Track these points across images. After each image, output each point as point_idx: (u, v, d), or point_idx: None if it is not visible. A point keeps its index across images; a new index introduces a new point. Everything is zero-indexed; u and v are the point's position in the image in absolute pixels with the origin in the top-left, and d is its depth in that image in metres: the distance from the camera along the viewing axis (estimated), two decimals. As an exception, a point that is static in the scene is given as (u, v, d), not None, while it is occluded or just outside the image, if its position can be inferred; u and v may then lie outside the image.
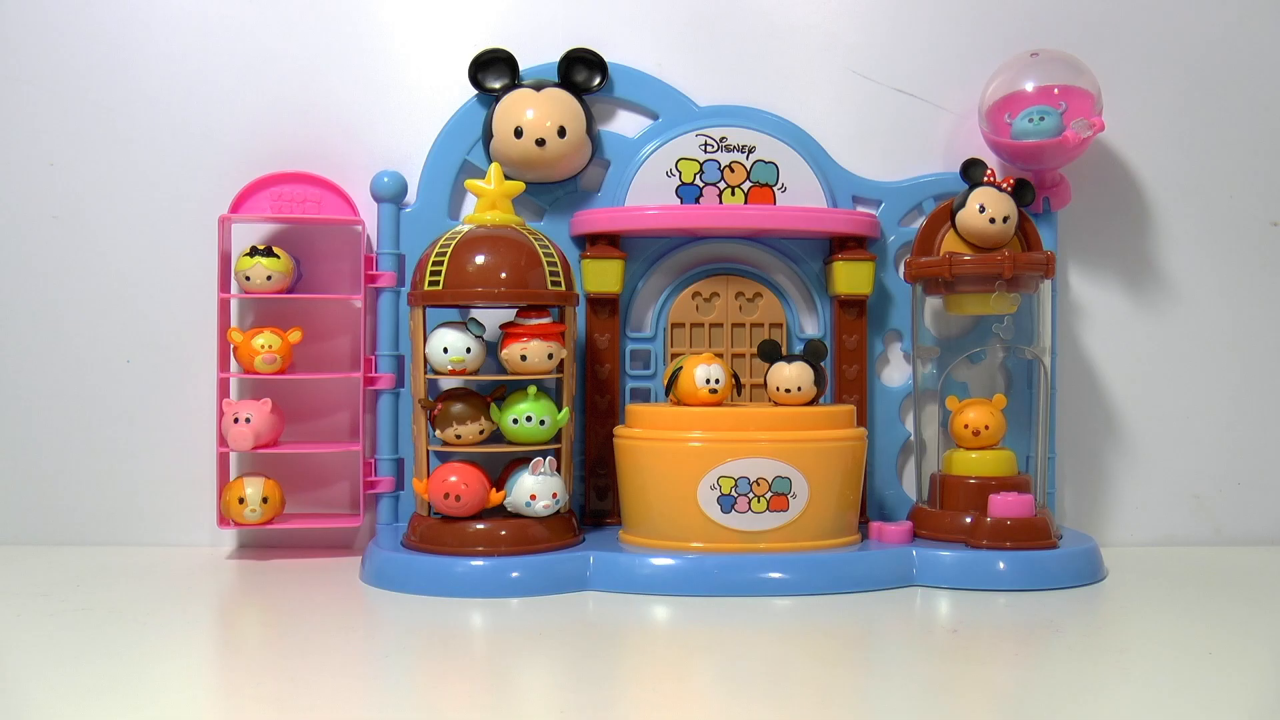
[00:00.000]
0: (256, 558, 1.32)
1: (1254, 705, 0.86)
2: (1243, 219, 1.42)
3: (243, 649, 1.03)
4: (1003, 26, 1.39)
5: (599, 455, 1.34)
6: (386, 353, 1.33)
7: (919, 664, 0.96)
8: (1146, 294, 1.42)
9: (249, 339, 1.29)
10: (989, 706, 0.86)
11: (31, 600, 1.12)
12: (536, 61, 1.35)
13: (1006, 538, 1.20)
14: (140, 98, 1.37)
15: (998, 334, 1.33)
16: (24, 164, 1.37)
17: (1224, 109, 1.41)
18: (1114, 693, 0.87)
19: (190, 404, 1.37)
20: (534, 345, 1.20)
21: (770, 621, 1.08)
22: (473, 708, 0.85)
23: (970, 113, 1.38)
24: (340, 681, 0.90)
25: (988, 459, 1.27)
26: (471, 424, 1.21)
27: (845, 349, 1.35)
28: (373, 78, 1.38)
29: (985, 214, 1.27)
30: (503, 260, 1.19)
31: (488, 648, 1.02)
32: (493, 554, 1.17)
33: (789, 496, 1.19)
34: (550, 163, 1.32)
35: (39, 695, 0.86)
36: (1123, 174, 1.41)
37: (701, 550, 1.19)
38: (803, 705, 0.85)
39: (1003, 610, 1.11)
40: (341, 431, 1.38)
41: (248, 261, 1.30)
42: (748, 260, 1.37)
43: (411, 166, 1.36)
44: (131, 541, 1.37)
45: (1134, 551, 1.36)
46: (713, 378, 1.22)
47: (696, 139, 1.34)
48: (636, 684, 0.92)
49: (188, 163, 1.37)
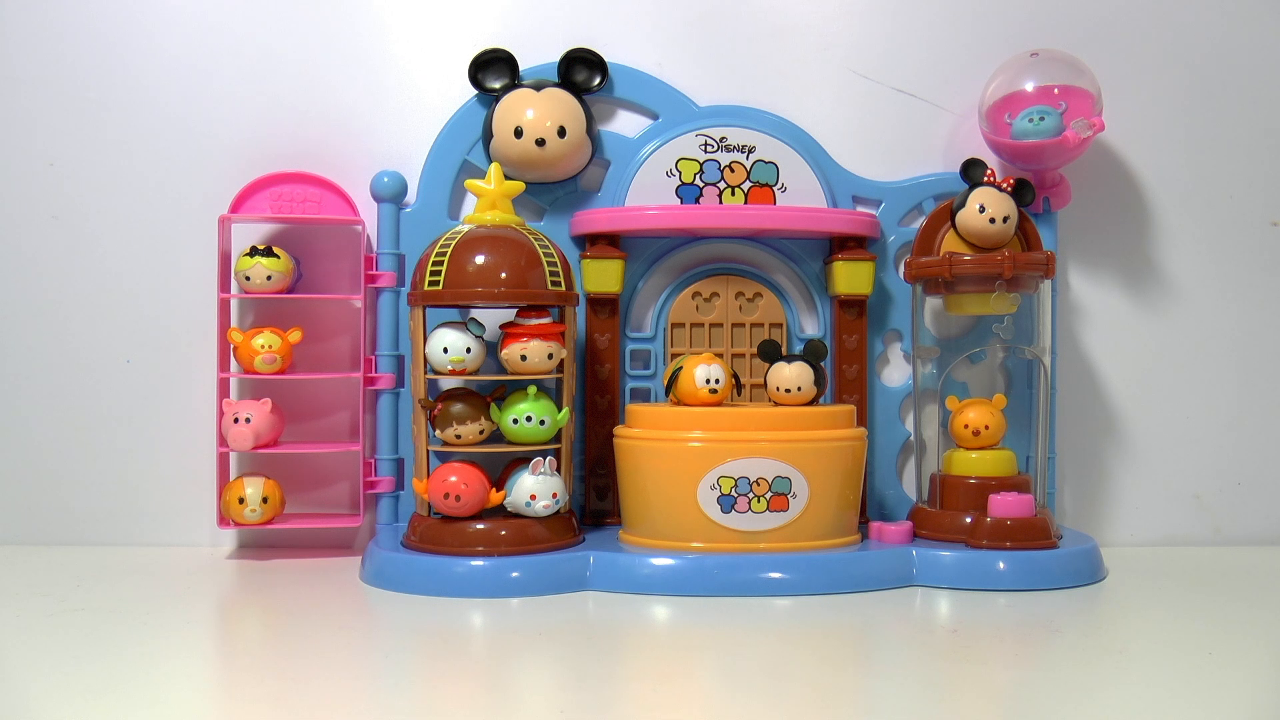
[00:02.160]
0: (256, 558, 1.32)
1: (1254, 705, 0.86)
2: (1243, 219, 1.42)
3: (243, 649, 1.03)
4: (1003, 26, 1.39)
5: (599, 455, 1.34)
6: (386, 353, 1.33)
7: (919, 664, 0.96)
8: (1146, 294, 1.42)
9: (249, 339, 1.29)
10: (989, 706, 0.86)
11: (31, 600, 1.12)
12: (536, 61, 1.35)
13: (1006, 538, 1.20)
14: (140, 98, 1.37)
15: (998, 334, 1.33)
16: (24, 164, 1.37)
17: (1224, 109, 1.41)
18: (1114, 693, 0.87)
19: (190, 404, 1.37)
20: (534, 345, 1.20)
21: (770, 621, 1.08)
22: (473, 708, 0.85)
23: (970, 113, 1.38)
24: (340, 681, 0.90)
25: (988, 459, 1.27)
26: (471, 424, 1.21)
27: (845, 349, 1.35)
28: (373, 78, 1.38)
29: (985, 214, 1.27)
30: (503, 260, 1.19)
31: (488, 648, 1.02)
32: (493, 554, 1.17)
33: (789, 496, 1.19)
34: (550, 163, 1.32)
35: (39, 695, 0.86)
36: (1123, 174, 1.41)
37: (701, 550, 1.19)
38: (803, 705, 0.85)
39: (1003, 610, 1.11)
40: (341, 431, 1.38)
41: (248, 261, 1.30)
42: (748, 260, 1.37)
43: (411, 166, 1.36)
44: (131, 541, 1.37)
45: (1134, 551, 1.37)
46: (713, 378, 1.22)
47: (696, 139, 1.34)
48: (636, 684, 0.92)
49: (188, 163, 1.37)
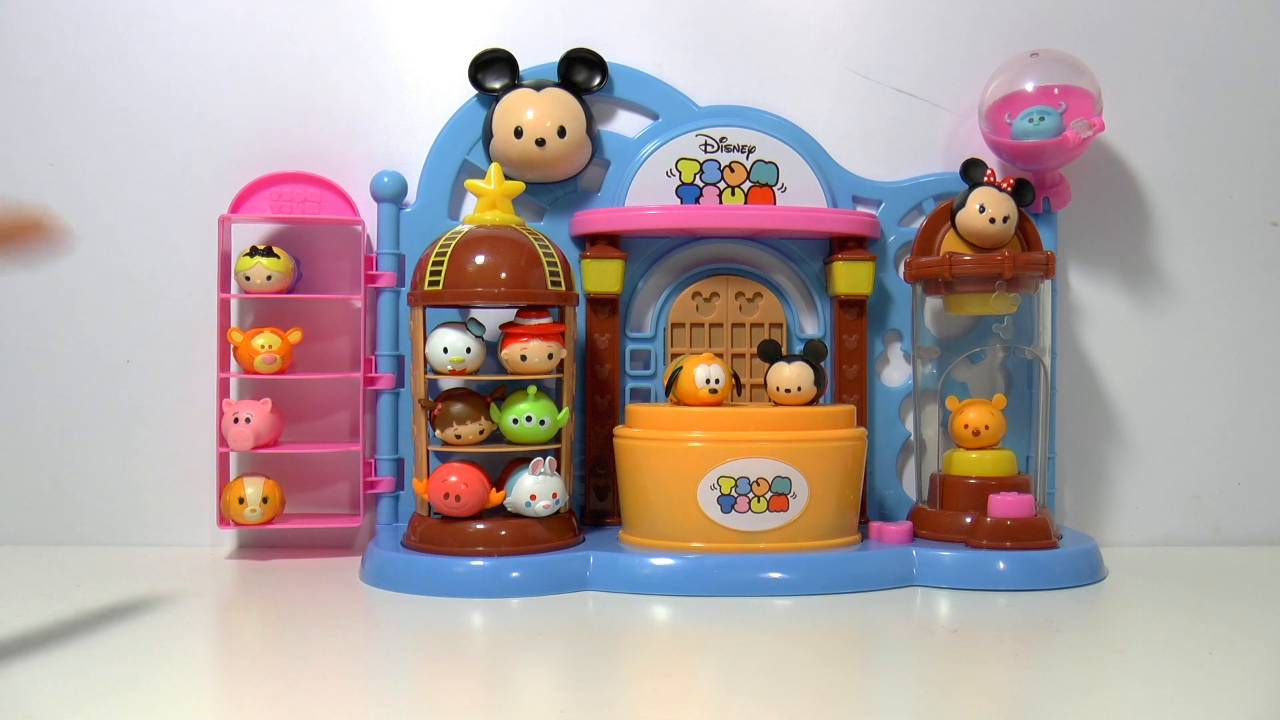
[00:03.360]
0: (256, 558, 1.32)
1: (1254, 705, 0.86)
2: (1243, 219, 1.42)
3: (243, 649, 1.03)
4: (1003, 26, 1.39)
5: (599, 455, 1.34)
6: (386, 353, 1.33)
7: (919, 664, 0.96)
8: (1146, 294, 1.42)
9: (249, 339, 1.29)
10: (989, 706, 0.86)
11: (31, 600, 1.12)
12: (536, 61, 1.35)
13: (1006, 538, 1.20)
14: (141, 98, 1.37)
15: (998, 334, 1.33)
16: (24, 164, 1.37)
17: (1224, 109, 1.41)
18: (1114, 693, 0.87)
19: (190, 404, 1.37)
20: (534, 345, 1.20)
21: (770, 621, 1.08)
22: (473, 708, 0.85)
23: (970, 113, 1.38)
24: (340, 681, 0.90)
25: (988, 459, 1.27)
26: (471, 424, 1.21)
27: (845, 349, 1.35)
28: (373, 78, 1.38)
29: (985, 214, 1.27)
30: (503, 260, 1.19)
31: (488, 648, 1.02)
32: (493, 554, 1.17)
33: (789, 496, 1.19)
34: (550, 163, 1.32)
35: (39, 695, 0.86)
36: (1123, 174, 1.41)
37: (701, 550, 1.19)
38: (803, 705, 0.85)
39: (1003, 610, 1.11)
40: (341, 431, 1.38)
41: (248, 261, 1.30)
42: (748, 260, 1.37)
43: (411, 166, 1.36)
44: (131, 541, 1.37)
45: (1134, 551, 1.36)
46: (713, 378, 1.22)
47: (696, 139, 1.34)
48: (636, 684, 0.92)
49: (188, 163, 1.37)
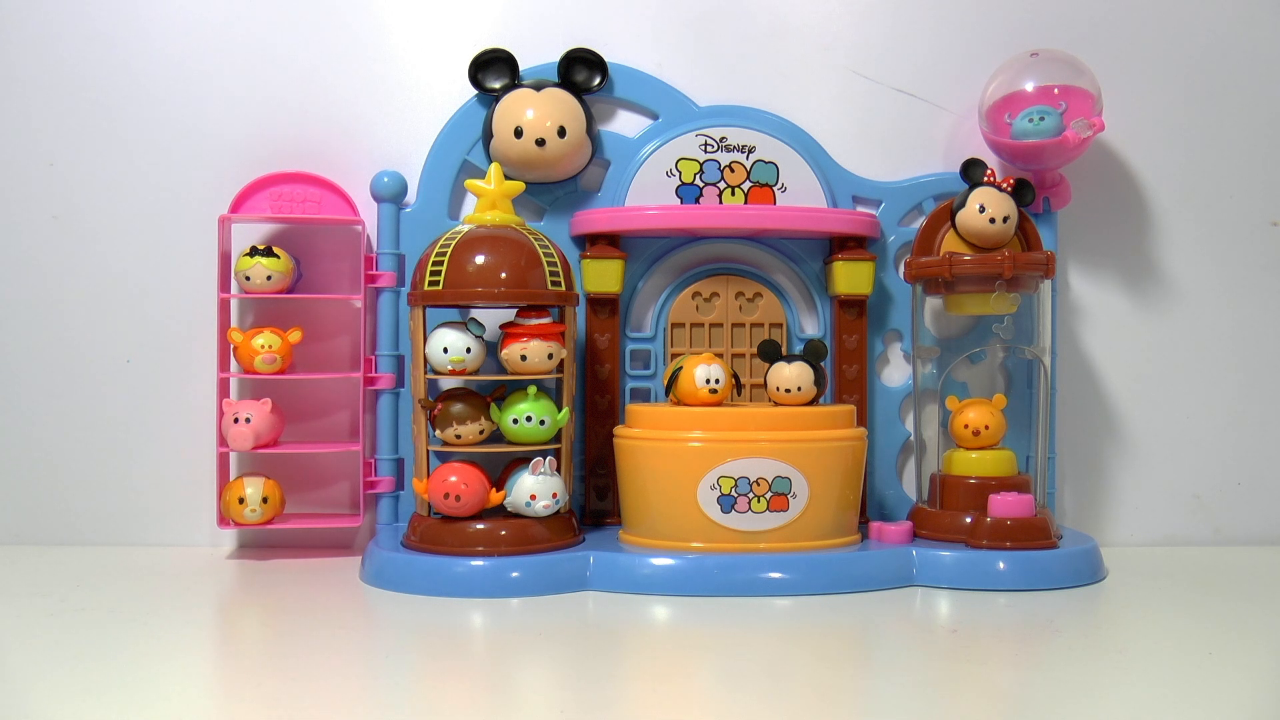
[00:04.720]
0: (256, 558, 1.32)
1: (1254, 705, 0.86)
2: (1243, 219, 1.42)
3: (243, 649, 1.03)
4: (1003, 26, 1.39)
5: (599, 455, 1.34)
6: (386, 353, 1.33)
7: (919, 664, 0.96)
8: (1146, 294, 1.42)
9: (249, 339, 1.29)
10: (989, 706, 0.86)
11: (31, 600, 1.12)
12: (536, 61, 1.35)
13: (1006, 538, 1.20)
14: (140, 98, 1.37)
15: (998, 334, 1.33)
16: (24, 164, 1.37)
17: (1224, 109, 1.41)
18: (1114, 693, 0.87)
19: (190, 404, 1.37)
20: (534, 345, 1.20)
21: (770, 621, 1.08)
22: (473, 708, 0.85)
23: (970, 113, 1.38)
24: (340, 681, 0.90)
25: (988, 459, 1.27)
26: (471, 424, 1.21)
27: (845, 349, 1.35)
28: (373, 78, 1.38)
29: (985, 214, 1.27)
30: (503, 260, 1.19)
31: (488, 648, 1.02)
32: (493, 554, 1.17)
33: (789, 496, 1.19)
34: (550, 163, 1.32)
35: (39, 695, 0.86)
36: (1123, 174, 1.41)
37: (701, 550, 1.19)
38: (803, 705, 0.85)
39: (1003, 610, 1.11)
40: (341, 431, 1.38)
41: (248, 261, 1.30)
42: (748, 260, 1.37)
43: (411, 166, 1.36)
44: (131, 541, 1.37)
45: (1134, 551, 1.36)
46: (713, 378, 1.22)
47: (696, 139, 1.34)
48: (636, 684, 0.92)
49: (188, 163, 1.37)
